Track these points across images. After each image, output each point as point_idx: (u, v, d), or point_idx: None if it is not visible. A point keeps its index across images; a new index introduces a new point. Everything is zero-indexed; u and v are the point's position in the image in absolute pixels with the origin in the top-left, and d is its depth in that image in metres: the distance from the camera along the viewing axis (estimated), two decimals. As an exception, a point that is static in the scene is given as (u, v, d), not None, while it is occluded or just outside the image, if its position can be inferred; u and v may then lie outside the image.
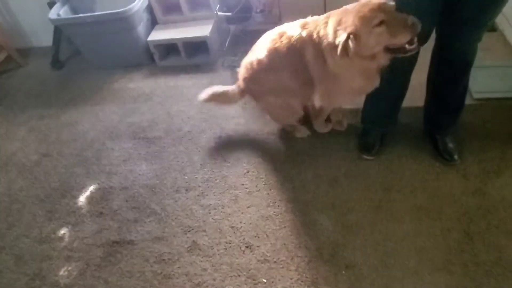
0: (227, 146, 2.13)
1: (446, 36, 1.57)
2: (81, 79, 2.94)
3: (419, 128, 1.97)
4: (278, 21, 2.79)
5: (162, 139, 2.27)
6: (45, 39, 3.24)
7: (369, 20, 1.39)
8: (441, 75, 1.74)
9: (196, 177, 2.00)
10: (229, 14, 2.43)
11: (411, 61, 1.67)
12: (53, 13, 2.76)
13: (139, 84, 2.75)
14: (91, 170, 2.17)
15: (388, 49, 1.46)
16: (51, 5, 2.96)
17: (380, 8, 1.39)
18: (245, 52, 2.77)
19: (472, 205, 1.66)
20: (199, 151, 2.14)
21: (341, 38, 1.44)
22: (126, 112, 2.52)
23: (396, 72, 1.71)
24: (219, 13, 2.48)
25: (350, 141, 1.99)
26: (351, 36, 1.42)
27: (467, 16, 1.43)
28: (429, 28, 1.53)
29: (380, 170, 1.85)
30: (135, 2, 2.61)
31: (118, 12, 2.56)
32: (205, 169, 2.04)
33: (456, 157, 1.80)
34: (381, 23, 1.39)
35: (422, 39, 1.55)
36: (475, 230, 1.57)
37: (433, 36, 1.61)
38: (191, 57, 2.82)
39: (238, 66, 2.68)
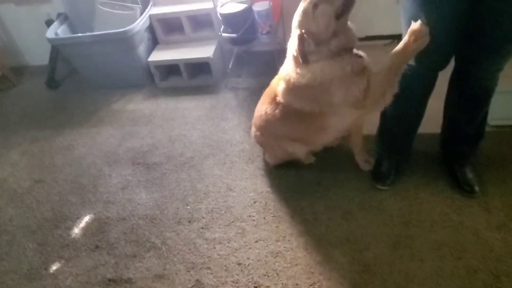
0: (232, 173, 2.02)
1: (467, 63, 1.49)
2: (77, 99, 2.83)
3: (435, 156, 1.87)
4: (283, 42, 2.73)
5: (163, 165, 2.15)
6: (41, 58, 3.14)
7: (307, 11, 1.40)
8: (459, 102, 1.66)
9: (200, 208, 1.88)
10: (234, 35, 2.35)
11: (428, 87, 1.59)
12: (50, 32, 2.66)
13: (139, 105, 2.64)
14: (87, 198, 2.04)
15: (339, 16, 1.39)
16: (48, 23, 2.87)
17: None
18: (249, 73, 2.71)
19: (497, 242, 1.54)
20: (202, 179, 2.02)
21: (292, 47, 1.47)
22: (125, 135, 2.40)
23: (412, 98, 1.63)
24: (223, 34, 2.40)
25: (363, 170, 1.88)
26: (304, 34, 1.41)
27: (491, 45, 1.35)
28: (449, 53, 1.45)
29: (396, 202, 1.74)
30: (136, 22, 2.53)
31: (118, 32, 2.48)
32: (209, 198, 1.91)
33: (476, 188, 1.70)
34: (315, 5, 1.37)
35: (441, 64, 1.48)
36: (503, 270, 1.45)
37: (451, 61, 1.53)
38: (193, 78, 2.73)
39: (242, 87, 2.61)
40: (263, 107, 1.79)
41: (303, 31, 1.40)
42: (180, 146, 2.25)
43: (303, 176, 1.91)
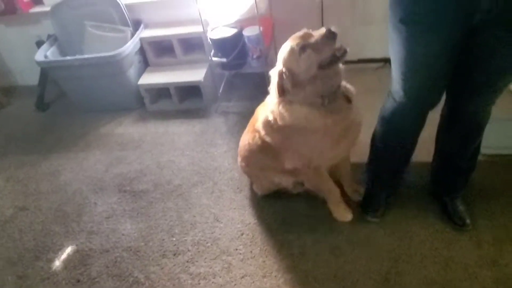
0: (220, 203, 1.98)
1: (458, 98, 1.47)
2: (66, 122, 2.80)
3: (426, 187, 1.84)
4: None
5: (150, 193, 2.10)
6: (32, 78, 3.11)
7: (293, 52, 1.35)
8: (451, 135, 1.63)
9: (186, 239, 1.83)
10: (224, 60, 2.33)
11: (420, 123, 1.56)
12: (40, 55, 2.64)
13: (128, 129, 2.61)
14: (70, 228, 1.99)
15: (322, 66, 1.36)
16: (39, 44, 2.86)
17: (299, 37, 1.37)
18: (240, 97, 2.69)
19: (488, 279, 1.50)
20: (189, 208, 1.98)
21: (273, 79, 1.44)
22: (113, 161, 2.36)
23: (403, 134, 1.60)
24: (213, 58, 2.38)
25: (352, 201, 1.85)
26: (284, 73, 1.39)
27: (483, 81, 1.32)
28: (440, 89, 1.43)
29: (385, 236, 1.70)
30: (126, 46, 2.51)
31: (108, 55, 2.46)
32: (195, 229, 1.87)
33: (468, 221, 1.66)
34: (303, 48, 1.33)
35: (433, 101, 1.45)
36: (494, 311, 1.42)
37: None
38: (183, 101, 2.71)
39: (232, 112, 2.59)
40: (246, 137, 1.77)
41: (284, 69, 1.39)
42: (169, 173, 2.21)
43: (291, 207, 1.87)
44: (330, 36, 1.29)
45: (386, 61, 2.72)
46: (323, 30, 1.31)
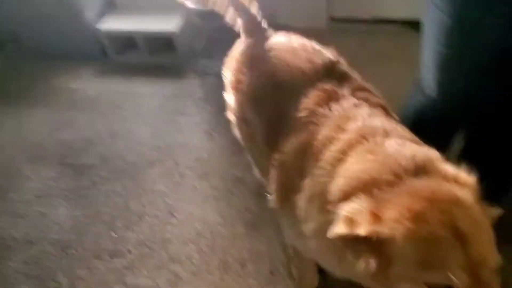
0: (179, 191, 1.57)
1: None
2: (16, 68, 2.32)
3: None
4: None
5: (95, 169, 1.69)
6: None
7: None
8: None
9: (128, 237, 1.45)
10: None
11: None
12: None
13: (84, 84, 2.15)
14: (-8, 207, 1.61)
15: None
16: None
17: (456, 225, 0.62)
18: (223, 55, 2.19)
19: None
20: (140, 194, 1.58)
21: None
22: (59, 122, 1.93)
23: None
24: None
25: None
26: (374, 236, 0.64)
27: None
28: None
29: None
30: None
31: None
32: (142, 224, 1.48)
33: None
34: (355, 243, 0.66)
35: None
36: None
37: None
38: (155, 53, 2.21)
39: (213, 72, 2.11)
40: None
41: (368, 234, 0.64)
42: (122, 145, 1.78)
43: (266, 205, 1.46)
44: None
45: (410, 24, 2.19)
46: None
